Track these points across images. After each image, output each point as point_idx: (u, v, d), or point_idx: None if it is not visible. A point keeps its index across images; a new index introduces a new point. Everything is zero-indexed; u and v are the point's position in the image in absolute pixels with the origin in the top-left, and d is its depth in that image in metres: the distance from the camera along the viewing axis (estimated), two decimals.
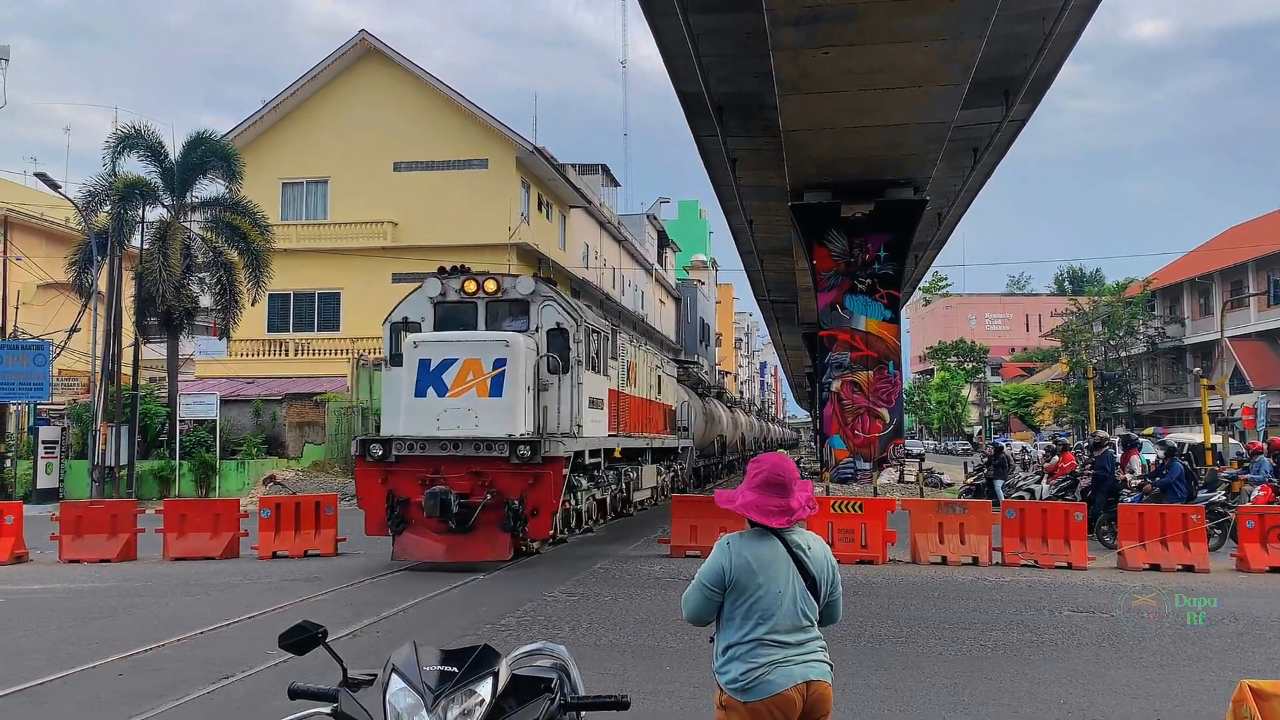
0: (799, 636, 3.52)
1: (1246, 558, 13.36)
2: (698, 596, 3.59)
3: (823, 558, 3.65)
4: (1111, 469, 17.09)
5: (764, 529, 3.60)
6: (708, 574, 3.57)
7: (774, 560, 3.54)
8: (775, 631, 3.47)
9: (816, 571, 3.59)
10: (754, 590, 3.49)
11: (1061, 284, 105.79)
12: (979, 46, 17.05)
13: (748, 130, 23.56)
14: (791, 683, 3.44)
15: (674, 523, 14.90)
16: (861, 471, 26.52)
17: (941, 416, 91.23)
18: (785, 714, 3.43)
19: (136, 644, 8.59)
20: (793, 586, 3.53)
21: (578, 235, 43.39)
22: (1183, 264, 59.47)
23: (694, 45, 18.87)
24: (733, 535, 3.64)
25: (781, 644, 3.48)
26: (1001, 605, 10.71)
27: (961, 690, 7.16)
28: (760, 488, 3.60)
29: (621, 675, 7.46)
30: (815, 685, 3.49)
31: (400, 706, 2.50)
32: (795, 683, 3.44)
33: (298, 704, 2.77)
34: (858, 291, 26.87)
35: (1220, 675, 7.39)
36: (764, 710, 3.42)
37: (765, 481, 3.60)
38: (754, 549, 3.55)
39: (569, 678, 3.34)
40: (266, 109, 35.67)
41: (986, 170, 28.18)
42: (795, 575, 3.55)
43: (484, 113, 35.37)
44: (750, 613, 3.49)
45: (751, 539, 3.60)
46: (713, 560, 3.58)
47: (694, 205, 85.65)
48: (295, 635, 2.85)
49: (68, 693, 7.12)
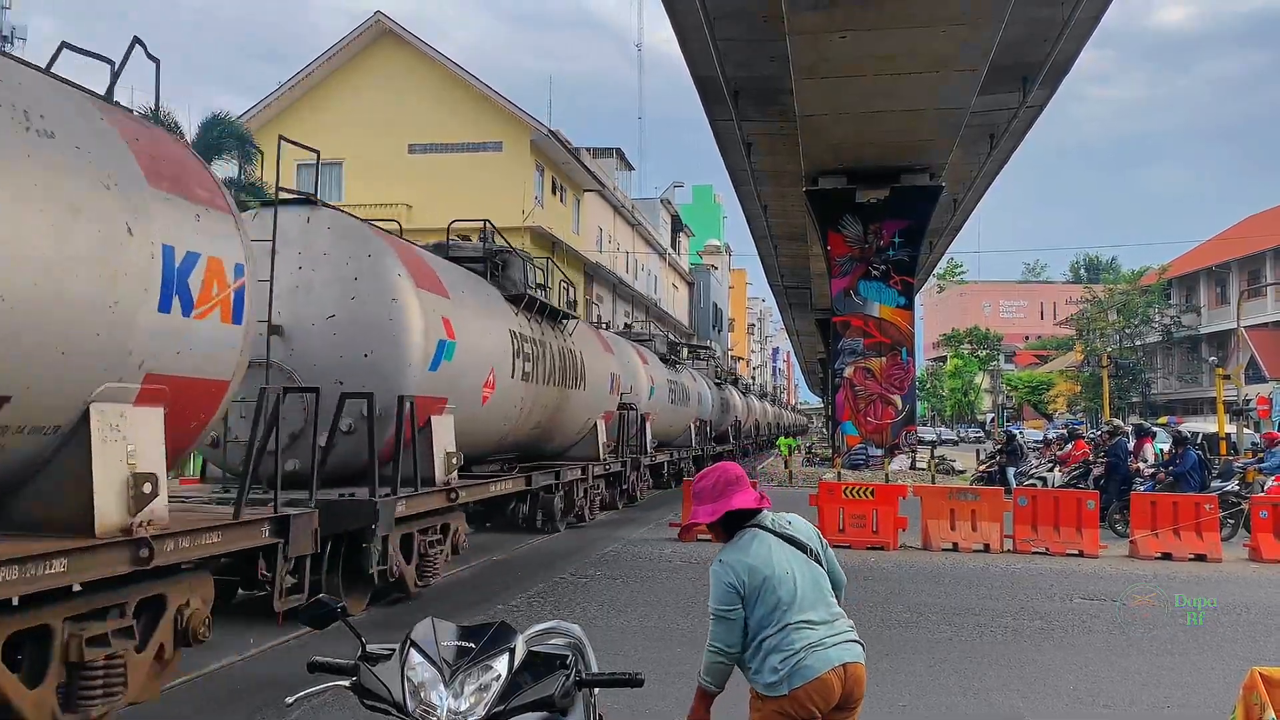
0: (825, 615, 3.51)
1: (1259, 547, 13.33)
2: (723, 628, 3.51)
3: (804, 524, 3.72)
4: (1124, 458, 17.04)
5: (743, 529, 3.61)
6: (722, 601, 3.51)
7: (768, 549, 3.55)
8: (803, 612, 3.47)
9: (805, 539, 3.63)
10: (767, 586, 3.48)
11: (1077, 272, 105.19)
12: (998, 31, 16.94)
13: (763, 115, 23.50)
14: (829, 666, 3.41)
15: (685, 507, 14.95)
16: (873, 457, 26.53)
17: (954, 404, 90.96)
18: (825, 699, 3.40)
19: None
20: (795, 564, 3.55)
21: (591, 219, 43.32)
22: (1200, 252, 59.04)
23: (710, 29, 18.80)
24: (720, 554, 3.60)
25: (811, 624, 3.46)
26: (1012, 592, 10.72)
27: (971, 676, 7.19)
28: (722, 490, 3.62)
29: (632, 656, 7.51)
30: (851, 668, 3.46)
31: (418, 680, 2.54)
32: (833, 665, 3.41)
33: (317, 677, 2.82)
34: (872, 277, 26.83)
35: (1230, 663, 7.39)
36: (804, 696, 3.39)
37: (724, 482, 3.63)
38: (745, 551, 3.55)
39: (583, 656, 3.38)
40: (282, 90, 35.68)
41: (1003, 156, 28.02)
42: (792, 551, 3.57)
43: (499, 95, 35.31)
44: (773, 606, 3.47)
45: (735, 546, 3.59)
46: (718, 586, 3.52)
47: (708, 190, 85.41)
48: (315, 610, 2.90)
49: None
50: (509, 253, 13.73)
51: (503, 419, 12.78)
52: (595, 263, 41.06)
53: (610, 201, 45.53)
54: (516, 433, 13.70)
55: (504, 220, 33.95)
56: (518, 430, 13.66)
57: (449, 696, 2.51)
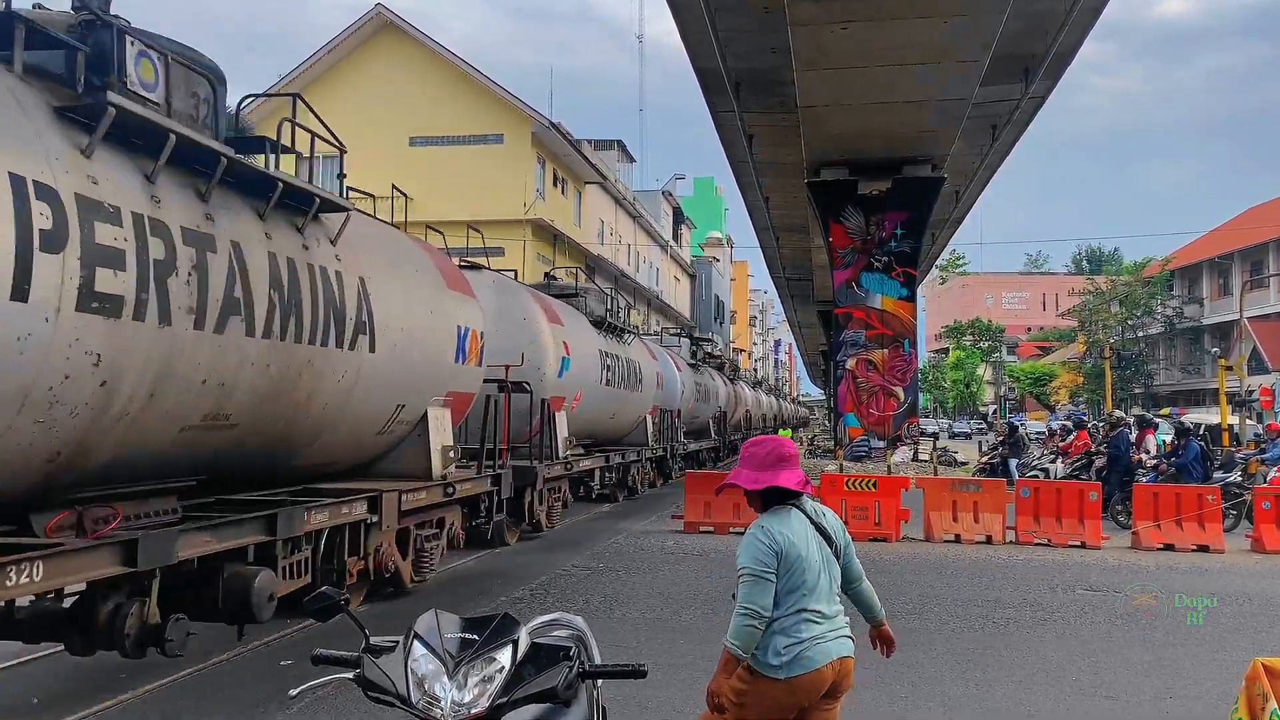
0: (832, 609, 3.63)
1: (1262, 538, 13.34)
2: (760, 590, 3.48)
3: (835, 520, 3.83)
4: (1126, 449, 17.04)
5: (782, 505, 3.68)
6: (764, 561, 3.51)
7: (804, 532, 3.64)
8: (816, 602, 3.57)
9: (835, 534, 3.74)
10: (798, 565, 3.56)
11: (1079, 263, 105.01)
12: (999, 22, 16.90)
13: (765, 106, 23.43)
14: (827, 660, 3.54)
15: (688, 499, 14.95)
16: (875, 449, 26.52)
17: (956, 396, 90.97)
18: (818, 690, 3.54)
19: None
20: (821, 554, 3.64)
21: (593, 211, 43.29)
22: (1202, 244, 58.96)
23: (711, 20, 18.75)
24: (761, 519, 3.66)
25: (820, 616, 3.57)
26: (1014, 583, 10.74)
27: (972, 666, 7.21)
28: (773, 464, 3.68)
29: (636, 648, 7.53)
30: (844, 661, 3.61)
31: (422, 672, 2.55)
32: (830, 659, 3.55)
33: (321, 669, 2.83)
34: (874, 269, 26.77)
35: (1233, 653, 7.40)
36: (799, 686, 3.50)
37: (776, 456, 3.69)
38: (787, 525, 3.62)
39: (586, 648, 3.39)
40: (283, 82, 35.63)
41: (1005, 148, 27.93)
42: (821, 543, 3.66)
43: (500, 88, 35.27)
44: (793, 587, 3.55)
45: (778, 517, 3.65)
46: (758, 548, 3.53)
47: (710, 182, 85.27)
48: (319, 602, 2.91)
49: None
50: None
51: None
52: (597, 255, 41.04)
53: (612, 194, 45.48)
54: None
55: (506, 213, 34.07)
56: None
57: (452, 688, 2.51)
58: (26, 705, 6.29)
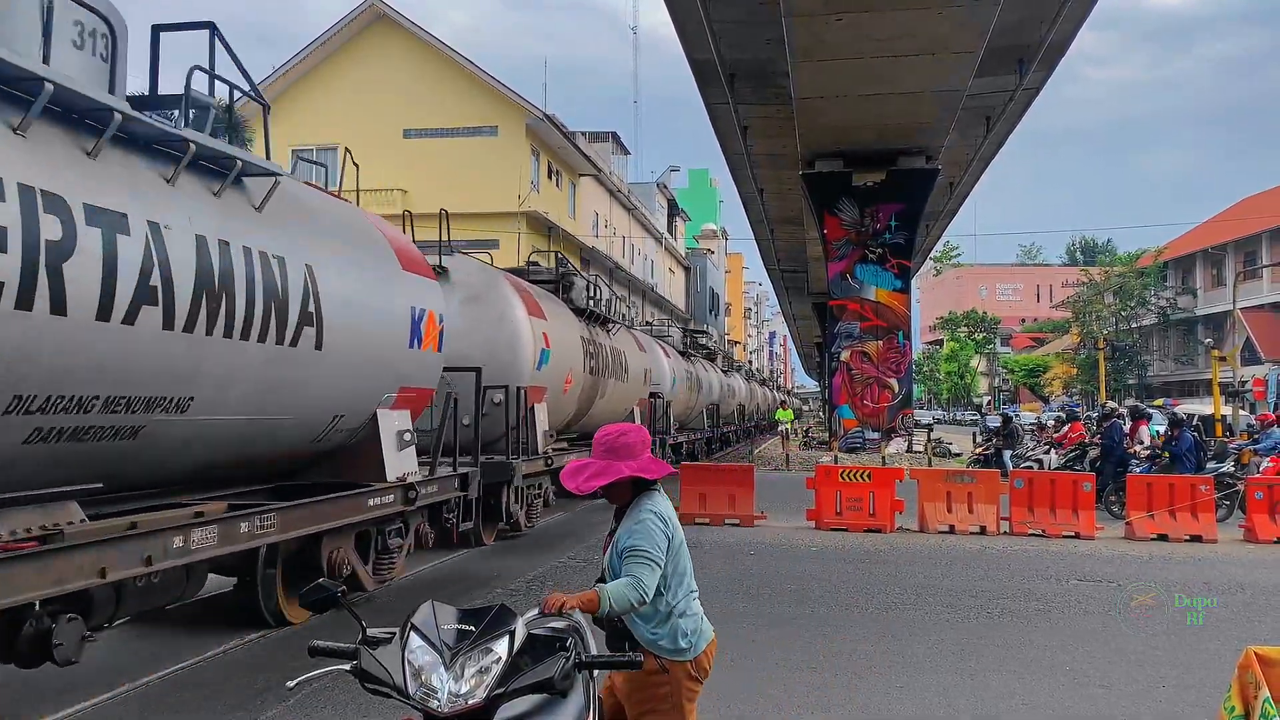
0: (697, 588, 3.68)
1: (1254, 528, 13.40)
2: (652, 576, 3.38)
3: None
4: (1120, 440, 17.09)
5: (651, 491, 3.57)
6: (661, 547, 3.42)
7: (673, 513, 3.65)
8: (693, 581, 3.63)
9: None
10: (682, 548, 3.58)
11: (1073, 254, 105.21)
12: (994, 13, 16.91)
13: (759, 98, 23.42)
14: (712, 631, 3.63)
15: (683, 490, 14.95)
16: (870, 441, 26.60)
17: (951, 387, 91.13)
18: (712, 659, 3.59)
19: None
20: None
21: (587, 203, 43.23)
22: (1196, 235, 59.04)
23: (705, 11, 18.73)
24: (647, 504, 3.52)
25: (697, 594, 3.63)
26: (1008, 574, 10.77)
27: (967, 656, 7.23)
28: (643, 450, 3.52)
29: None
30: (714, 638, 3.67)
31: (419, 664, 2.56)
32: (712, 632, 3.64)
33: (318, 661, 2.83)
34: (868, 261, 26.82)
35: (1226, 643, 7.43)
36: (704, 659, 3.54)
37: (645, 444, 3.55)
38: (667, 507, 3.58)
39: (582, 639, 3.40)
40: (276, 75, 35.52)
41: (999, 139, 27.98)
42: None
43: (494, 79, 35.18)
44: (683, 570, 3.57)
45: (662, 504, 3.57)
46: (656, 534, 3.43)
47: (704, 174, 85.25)
48: (315, 594, 2.92)
49: None
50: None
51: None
52: (591, 247, 40.99)
53: (606, 186, 45.43)
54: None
55: (500, 205, 34.01)
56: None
57: (449, 679, 2.52)
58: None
